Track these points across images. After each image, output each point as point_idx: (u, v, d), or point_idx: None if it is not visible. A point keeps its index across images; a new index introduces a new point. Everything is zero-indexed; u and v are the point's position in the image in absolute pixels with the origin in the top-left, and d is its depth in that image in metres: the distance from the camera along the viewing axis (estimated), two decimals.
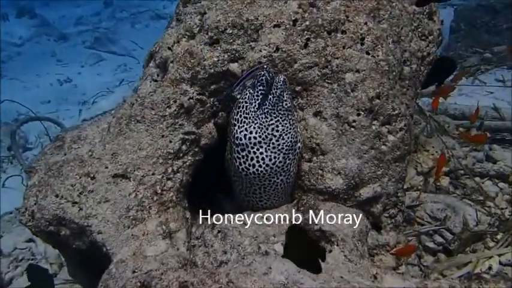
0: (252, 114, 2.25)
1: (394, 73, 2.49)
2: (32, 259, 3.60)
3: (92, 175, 2.47)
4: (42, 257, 3.59)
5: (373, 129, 2.41)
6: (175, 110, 2.58)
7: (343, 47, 2.43)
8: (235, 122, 2.29)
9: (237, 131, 2.28)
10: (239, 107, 2.30)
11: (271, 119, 2.24)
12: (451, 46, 7.17)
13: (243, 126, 2.26)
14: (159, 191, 2.53)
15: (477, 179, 3.79)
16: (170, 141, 2.60)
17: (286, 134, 2.27)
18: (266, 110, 2.24)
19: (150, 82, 2.72)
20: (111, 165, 2.50)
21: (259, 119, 2.24)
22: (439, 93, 3.36)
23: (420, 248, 3.25)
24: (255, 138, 2.24)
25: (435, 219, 3.36)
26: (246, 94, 2.30)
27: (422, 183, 3.66)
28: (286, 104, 2.25)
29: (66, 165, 2.49)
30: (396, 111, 2.43)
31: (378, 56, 2.44)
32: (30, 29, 13.99)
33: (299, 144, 2.36)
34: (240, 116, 2.28)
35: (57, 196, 2.40)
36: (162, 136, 2.59)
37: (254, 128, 2.24)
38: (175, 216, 2.53)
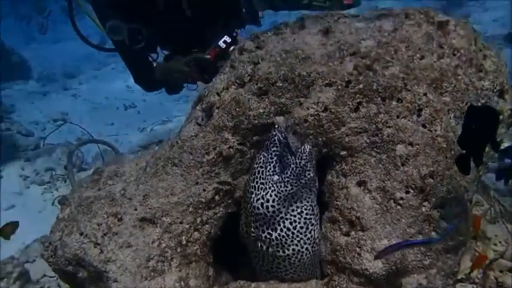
0: (268, 179, 2.10)
1: (452, 152, 2.24)
2: None
3: (119, 216, 2.40)
4: None
5: (422, 211, 2.16)
6: (213, 157, 2.49)
7: (397, 116, 2.24)
8: (253, 190, 2.14)
9: (253, 199, 2.11)
10: (255, 173, 2.15)
11: (292, 188, 2.08)
12: None
13: (260, 193, 2.10)
14: (184, 242, 2.41)
15: None
16: (204, 190, 2.49)
17: (308, 207, 2.15)
18: (287, 179, 2.08)
19: (194, 126, 2.66)
20: (140, 208, 2.43)
21: (276, 186, 2.08)
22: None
23: None
24: (272, 206, 2.08)
25: None
26: (261, 158, 2.16)
27: (481, 277, 3.21)
28: (309, 174, 2.09)
29: (97, 201, 2.46)
30: (452, 195, 2.16)
31: (435, 130, 2.22)
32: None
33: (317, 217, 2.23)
34: (257, 182, 2.12)
35: (81, 234, 2.34)
36: (197, 183, 2.50)
37: (271, 196, 2.08)
38: (196, 272, 2.39)
